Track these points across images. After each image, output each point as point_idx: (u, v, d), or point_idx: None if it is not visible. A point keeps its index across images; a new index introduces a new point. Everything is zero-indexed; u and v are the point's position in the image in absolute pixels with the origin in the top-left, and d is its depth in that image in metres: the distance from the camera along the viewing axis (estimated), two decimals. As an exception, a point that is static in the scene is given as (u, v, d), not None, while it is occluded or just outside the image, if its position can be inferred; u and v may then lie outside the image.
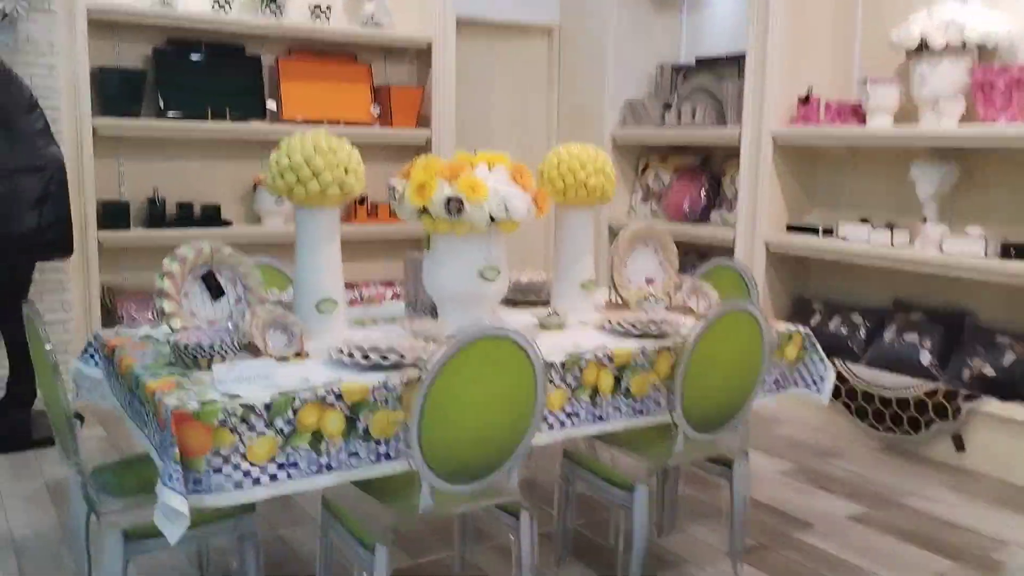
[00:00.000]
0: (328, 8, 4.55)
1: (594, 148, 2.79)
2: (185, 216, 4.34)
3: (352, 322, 2.63)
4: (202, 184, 4.50)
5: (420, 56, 4.98)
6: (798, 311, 4.43)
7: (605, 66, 5.21)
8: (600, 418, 2.35)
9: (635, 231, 2.91)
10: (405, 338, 2.33)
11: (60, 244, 3.52)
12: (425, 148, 4.92)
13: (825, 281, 4.51)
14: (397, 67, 5.04)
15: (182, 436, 1.77)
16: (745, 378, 2.45)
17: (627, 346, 2.41)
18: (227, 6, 4.28)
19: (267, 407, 1.86)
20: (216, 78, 4.39)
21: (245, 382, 1.93)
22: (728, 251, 4.52)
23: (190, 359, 2.05)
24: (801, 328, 2.77)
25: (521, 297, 2.97)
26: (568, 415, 2.29)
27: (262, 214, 4.53)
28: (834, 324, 4.24)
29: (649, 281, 2.79)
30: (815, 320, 4.29)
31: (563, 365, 2.26)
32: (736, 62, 4.71)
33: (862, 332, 4.13)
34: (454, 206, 2.41)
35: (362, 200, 4.73)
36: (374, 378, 2.03)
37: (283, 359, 2.18)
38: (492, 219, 2.47)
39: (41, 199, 3.43)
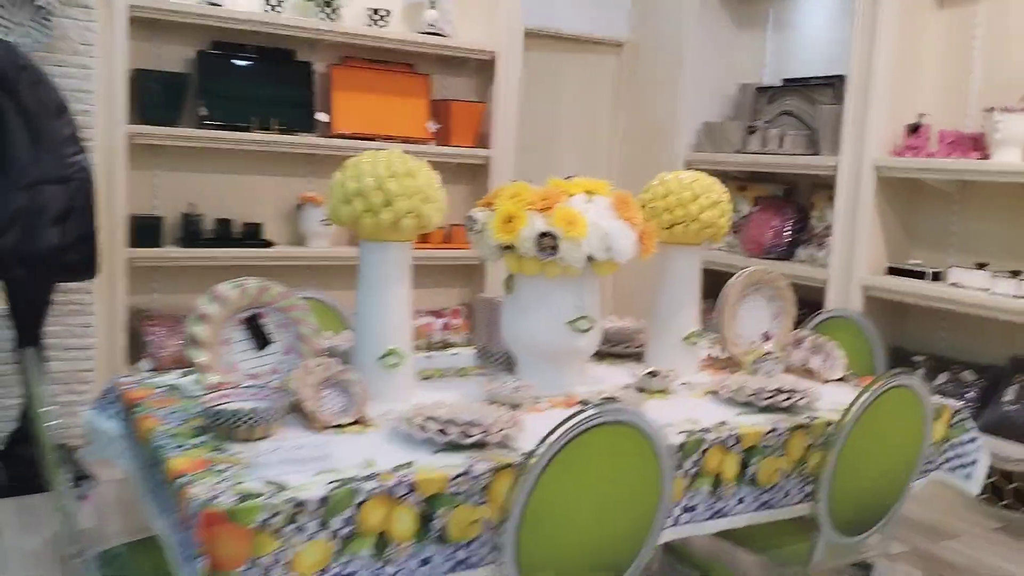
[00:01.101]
0: (387, 13, 4.18)
1: (707, 177, 2.36)
2: (223, 234, 3.97)
3: (414, 374, 2.22)
4: (243, 200, 4.13)
5: (482, 69, 4.59)
6: (896, 365, 3.94)
7: (681, 84, 4.79)
8: (720, 513, 1.91)
9: (750, 276, 2.47)
10: (483, 405, 1.91)
11: (83, 265, 3.15)
12: (483, 169, 4.52)
13: (927, 332, 4.03)
14: (457, 80, 4.65)
15: (213, 543, 1.36)
16: (902, 467, 2.00)
17: (754, 423, 1.97)
18: (279, 6, 3.91)
19: (323, 501, 1.45)
20: (263, 85, 4.03)
21: (295, 464, 1.52)
22: (815, 292, 4.06)
23: (225, 428, 1.65)
24: (950, 402, 2.31)
25: (608, 349, 2.54)
26: (685, 509, 1.85)
27: (307, 235, 4.14)
28: (940, 382, 3.76)
29: (765, 337, 2.35)
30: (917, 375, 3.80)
31: (682, 448, 1.83)
32: (831, 85, 4.26)
33: (974, 393, 3.65)
34: (547, 243, 1.99)
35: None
36: (453, 461, 1.61)
37: (339, 427, 1.77)
38: (590, 259, 2.05)
39: (64, 214, 3.06)
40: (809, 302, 4.33)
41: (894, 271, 3.90)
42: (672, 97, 4.86)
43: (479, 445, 1.68)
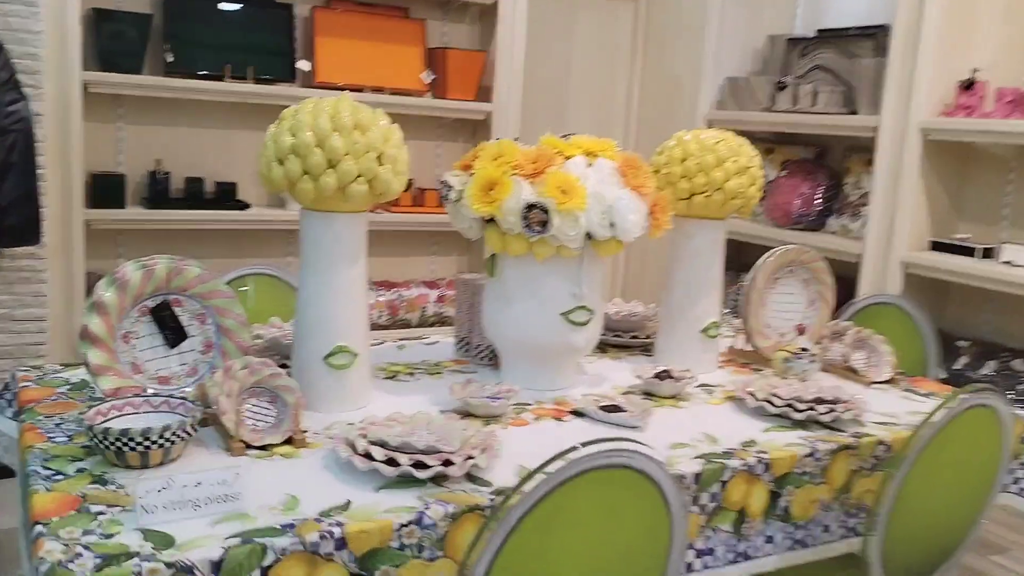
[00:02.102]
0: (377, -50, 3.75)
1: (735, 137, 1.96)
2: (194, 194, 3.59)
3: (376, 369, 1.86)
4: (216, 157, 3.74)
5: (484, 15, 4.16)
6: (938, 350, 3.55)
7: (704, 35, 4.34)
8: (744, 555, 1.54)
9: (782, 255, 2.08)
10: (450, 419, 1.54)
11: (24, 229, 2.80)
12: (484, 125, 4.11)
13: (971, 315, 3.62)
14: (456, 26, 4.23)
15: (58, 627, 1.01)
16: (972, 499, 1.63)
17: (788, 443, 1.59)
18: (253, -60, 3.50)
19: (216, 568, 1.09)
20: (237, 29, 3.63)
21: (187, 508, 1.16)
22: (848, 267, 3.65)
23: (113, 452, 1.29)
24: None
25: (611, 338, 2.17)
26: (701, 553, 1.48)
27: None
28: (988, 370, 3.36)
29: (799, 330, 1.96)
30: (961, 362, 3.42)
31: (698, 479, 1.46)
32: (872, 36, 3.81)
33: (1027, 384, 3.26)
34: (536, 217, 1.61)
35: (407, 184, 3.93)
36: (402, 502, 1.25)
37: (265, 448, 1.41)
38: (589, 237, 1.67)
39: (1, 171, 2.70)
40: (840, 278, 3.93)
41: (938, 247, 3.48)
42: (694, 50, 4.41)
43: (439, 479, 1.32)
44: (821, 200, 4.03)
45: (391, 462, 1.31)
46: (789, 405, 1.70)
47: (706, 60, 4.35)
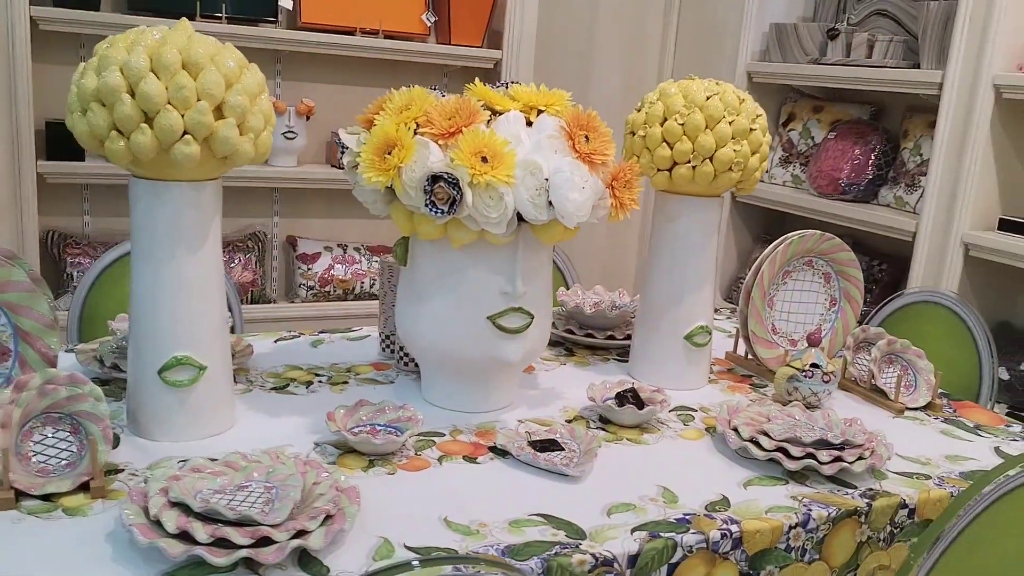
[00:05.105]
0: None
1: (734, 90, 1.51)
2: (164, 147, 3.25)
3: (266, 376, 1.49)
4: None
5: (496, -52, 3.70)
6: (1002, 345, 3.04)
7: (748, -25, 3.81)
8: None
9: (796, 243, 1.64)
10: (303, 463, 1.16)
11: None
12: (493, 74, 3.68)
13: (1045, 304, 3.11)
14: (465, -38, 3.77)
15: None
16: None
17: (771, 505, 1.18)
18: None
19: None
20: (209, -40, 3.24)
21: None
22: (900, 246, 3.17)
23: None
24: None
25: (582, 337, 1.76)
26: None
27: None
28: (1059, 373, 2.86)
29: (812, 340, 1.52)
30: (1029, 362, 2.92)
31: (633, 562, 1.05)
32: (943, -25, 3.26)
33: (1107, 391, 2.75)
34: (443, 193, 1.21)
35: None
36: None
37: (49, 499, 1.05)
38: (521, 220, 1.26)
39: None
40: (891, 257, 3.44)
41: (1008, 226, 2.96)
42: (737, -9, 3.89)
43: (250, 564, 0.94)
44: (874, 167, 3.51)
45: (187, 537, 0.94)
46: (781, 449, 1.28)
47: (749, 3, 3.83)
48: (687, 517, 1.13)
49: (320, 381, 1.50)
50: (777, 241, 1.63)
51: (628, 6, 4.18)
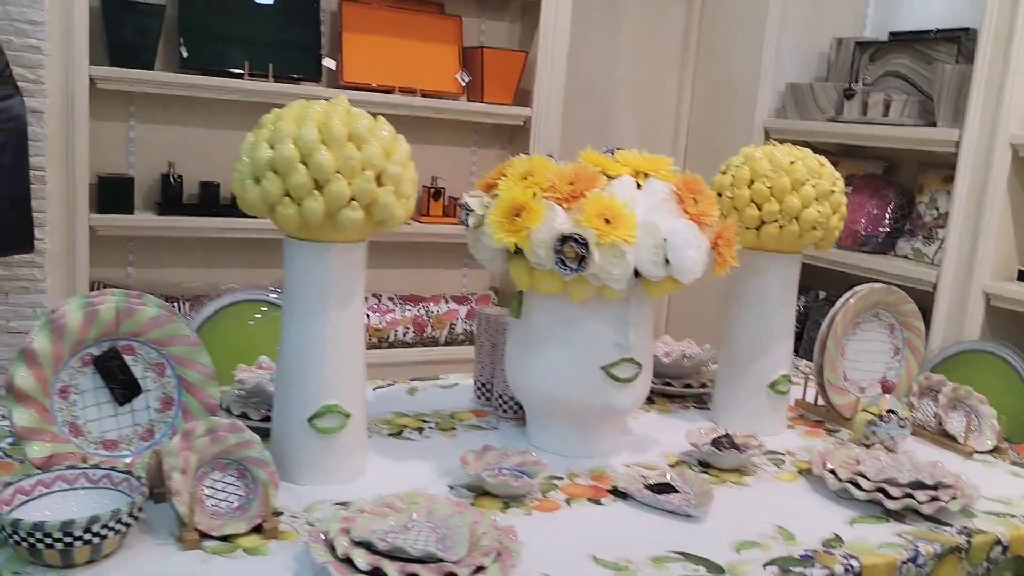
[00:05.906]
0: (411, -60, 3.48)
1: (813, 155, 1.64)
2: (209, 200, 3.34)
3: (378, 423, 1.57)
4: (233, 160, 3.46)
5: (525, 12, 3.86)
6: None
7: (763, 36, 3.99)
8: None
9: (865, 296, 1.75)
10: (456, 505, 1.24)
11: (13, 236, 2.56)
12: (522, 131, 3.81)
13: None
14: (494, 24, 3.94)
15: None
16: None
17: (881, 542, 1.27)
18: (277, -73, 3.24)
19: None
20: (258, 23, 3.37)
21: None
22: (920, 296, 3.28)
23: (27, 548, 1.01)
24: None
25: (659, 386, 1.85)
26: None
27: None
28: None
29: (887, 388, 1.62)
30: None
31: (770, 595, 1.14)
32: (955, 39, 3.44)
33: None
34: (573, 252, 1.31)
35: (436, 193, 3.65)
36: (388, 630, 0.96)
37: (226, 539, 1.12)
38: (638, 276, 1.37)
39: (-12, 172, 2.47)
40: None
41: (1028, 276, 3.11)
42: (752, 52, 4.06)
43: (435, 594, 1.02)
44: (891, 220, 3.66)
45: (373, 573, 1.01)
46: (881, 490, 1.38)
47: (765, 64, 4.00)
48: (809, 553, 1.22)
49: (430, 427, 1.59)
50: (848, 293, 1.75)
51: (645, 65, 4.35)
